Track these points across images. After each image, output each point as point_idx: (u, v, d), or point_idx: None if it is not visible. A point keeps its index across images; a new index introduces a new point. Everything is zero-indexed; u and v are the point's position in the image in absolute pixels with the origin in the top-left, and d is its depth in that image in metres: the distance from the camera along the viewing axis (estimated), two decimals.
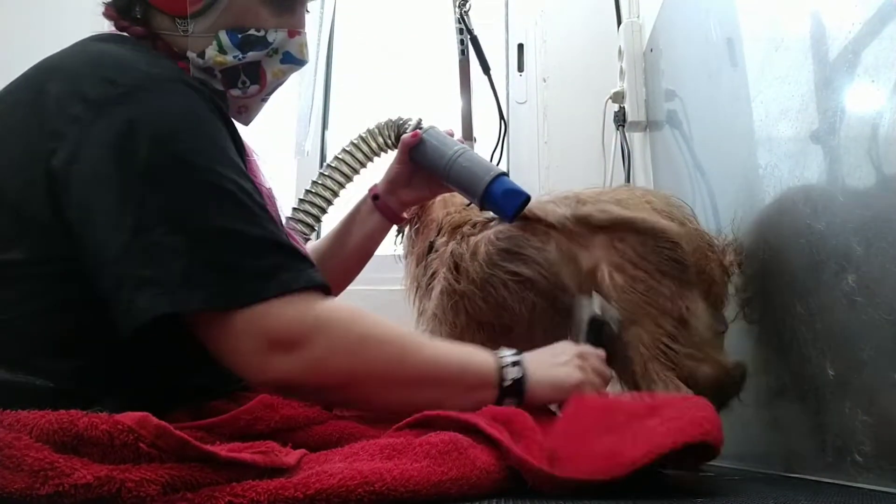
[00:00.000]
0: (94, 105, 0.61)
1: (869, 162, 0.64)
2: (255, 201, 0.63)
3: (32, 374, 0.60)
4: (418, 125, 1.01)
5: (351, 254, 1.03)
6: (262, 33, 0.76)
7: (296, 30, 0.78)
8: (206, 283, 0.58)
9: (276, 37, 0.76)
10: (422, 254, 1.16)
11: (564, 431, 0.65)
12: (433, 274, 1.08)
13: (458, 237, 1.01)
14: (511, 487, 0.57)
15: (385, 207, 1.01)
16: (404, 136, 0.98)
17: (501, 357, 0.71)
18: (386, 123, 1.05)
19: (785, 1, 0.84)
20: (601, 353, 0.79)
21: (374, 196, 1.02)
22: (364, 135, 1.04)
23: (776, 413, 0.86)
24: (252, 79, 0.78)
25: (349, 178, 1.03)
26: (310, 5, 0.83)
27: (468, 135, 1.63)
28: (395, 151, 1.01)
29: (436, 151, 0.94)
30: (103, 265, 0.59)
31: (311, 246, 1.03)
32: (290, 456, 0.51)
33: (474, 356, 0.71)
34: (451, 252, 1.00)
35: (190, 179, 0.61)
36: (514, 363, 0.71)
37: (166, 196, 0.60)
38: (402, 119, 1.04)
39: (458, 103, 1.61)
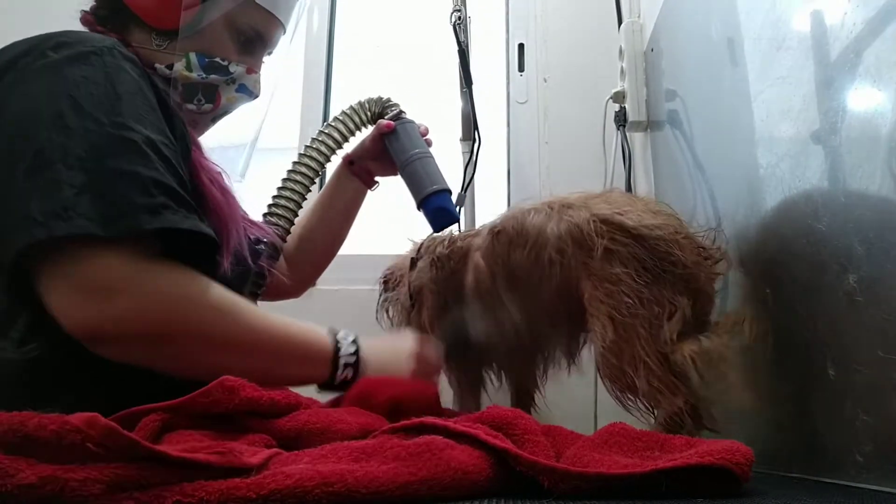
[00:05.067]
0: (22, 72, 0.66)
1: (870, 162, 0.64)
2: (159, 152, 0.66)
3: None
4: (398, 115, 1.08)
5: (337, 220, 1.13)
6: (225, 63, 0.85)
7: (253, 69, 0.89)
8: (89, 213, 0.60)
9: (236, 69, 0.86)
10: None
11: (594, 445, 0.64)
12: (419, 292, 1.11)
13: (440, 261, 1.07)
14: (497, 489, 0.55)
15: (361, 171, 1.13)
16: (382, 120, 1.08)
17: (339, 340, 0.76)
18: (369, 100, 1.11)
19: (786, 1, 0.84)
20: (436, 350, 0.88)
21: (350, 161, 1.12)
22: (356, 106, 1.10)
23: (776, 413, 0.86)
24: (208, 98, 0.86)
25: (339, 144, 1.08)
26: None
27: (468, 135, 1.63)
28: (371, 128, 1.10)
29: (402, 145, 1.06)
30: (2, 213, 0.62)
31: (296, 221, 1.05)
32: (256, 456, 0.50)
33: (310, 332, 0.75)
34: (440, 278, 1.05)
35: (95, 128, 0.64)
36: (352, 352, 0.76)
37: (70, 140, 0.63)
38: (389, 101, 1.11)
39: (458, 103, 1.61)
